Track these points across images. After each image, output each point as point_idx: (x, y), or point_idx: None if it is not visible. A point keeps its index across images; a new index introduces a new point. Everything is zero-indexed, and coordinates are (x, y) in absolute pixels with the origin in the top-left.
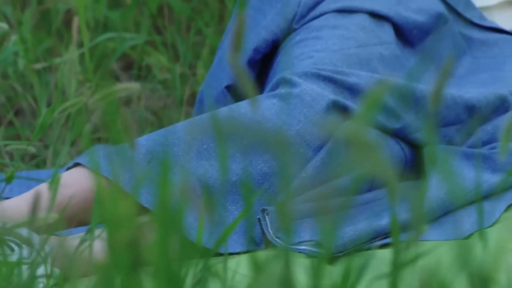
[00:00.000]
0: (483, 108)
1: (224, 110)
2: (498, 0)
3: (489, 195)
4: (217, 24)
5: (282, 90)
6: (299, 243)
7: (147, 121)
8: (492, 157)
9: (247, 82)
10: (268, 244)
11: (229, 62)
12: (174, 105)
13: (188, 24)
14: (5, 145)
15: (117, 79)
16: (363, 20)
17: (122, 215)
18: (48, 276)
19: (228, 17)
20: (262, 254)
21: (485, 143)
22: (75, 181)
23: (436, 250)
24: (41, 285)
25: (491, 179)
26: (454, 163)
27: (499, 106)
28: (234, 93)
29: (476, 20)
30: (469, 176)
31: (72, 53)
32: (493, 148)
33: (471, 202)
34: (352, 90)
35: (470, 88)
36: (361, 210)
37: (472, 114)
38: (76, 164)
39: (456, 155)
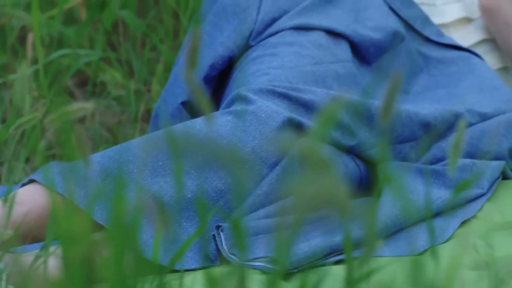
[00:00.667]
0: (439, 125)
1: (179, 127)
2: (455, 17)
3: (443, 211)
4: (171, 40)
5: (237, 107)
6: (254, 259)
7: (101, 137)
8: (446, 174)
9: (202, 98)
10: (223, 260)
11: (184, 78)
12: (129, 121)
13: (143, 40)
14: None
15: (72, 95)
16: (320, 37)
17: (77, 232)
18: None
19: (183, 33)
20: (217, 271)
21: (439, 160)
22: (30, 198)
23: (390, 266)
24: None
25: (445, 195)
26: (408, 179)
27: (454, 123)
28: (189, 109)
29: (434, 37)
30: (423, 192)
31: (24, 69)
32: (447, 164)
33: (425, 219)
34: (307, 107)
35: (426, 104)
36: (315, 227)
37: (428, 131)
38: (31, 181)
39: (411, 171)
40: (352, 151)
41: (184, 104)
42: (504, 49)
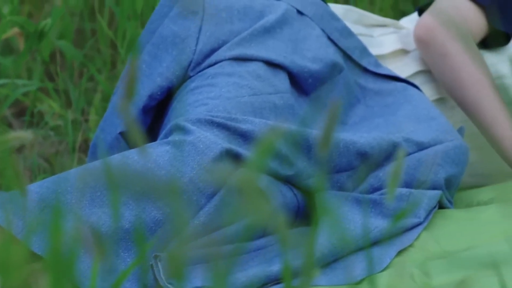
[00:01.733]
0: (376, 154)
1: (117, 157)
2: (392, 49)
3: (380, 240)
4: (109, 71)
5: (175, 137)
6: None
7: (39, 167)
8: (383, 203)
9: (136, 129)
10: None
11: (119, 109)
12: (66, 151)
13: (81, 70)
14: None
15: (10, 125)
16: (258, 68)
17: (14, 262)
18: None
19: (121, 63)
20: None
21: (376, 189)
22: None
23: None
24: None
25: (382, 224)
26: (345, 209)
27: (392, 153)
28: (128, 140)
29: (372, 68)
30: (360, 221)
31: None
32: (384, 194)
33: (362, 248)
34: (245, 137)
35: (364, 132)
36: (253, 256)
37: (365, 160)
38: None
39: (348, 201)
40: (289, 181)
41: (122, 134)
42: (439, 80)
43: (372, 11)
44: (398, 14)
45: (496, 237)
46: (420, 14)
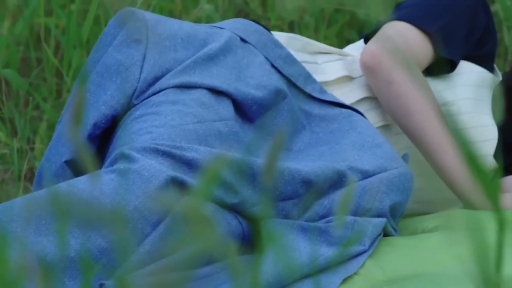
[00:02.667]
0: (321, 182)
1: (62, 186)
2: (336, 76)
3: (325, 268)
4: (55, 99)
5: (120, 165)
6: None
7: None
8: (328, 231)
9: (86, 156)
10: None
11: (68, 136)
12: (12, 180)
13: (26, 99)
14: None
15: None
16: (203, 96)
17: None
18: None
19: (66, 92)
20: None
21: (322, 217)
22: None
23: None
24: None
25: (327, 252)
26: (290, 237)
27: (337, 181)
28: (73, 168)
29: (316, 94)
30: (305, 249)
31: None
32: (330, 221)
33: (307, 276)
34: (191, 165)
35: (309, 161)
36: (199, 284)
37: (310, 188)
38: None
39: (293, 229)
40: (235, 209)
41: (67, 162)
42: (385, 106)
43: (316, 39)
44: (343, 42)
45: (441, 264)
46: (366, 41)
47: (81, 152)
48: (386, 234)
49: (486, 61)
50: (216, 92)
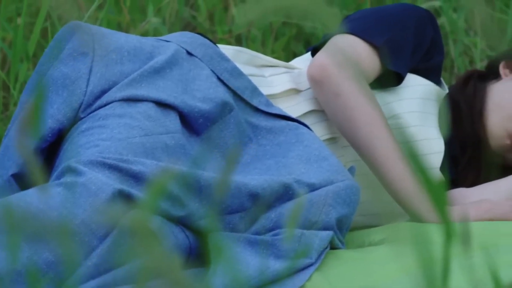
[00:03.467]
0: (267, 196)
1: (9, 199)
2: (283, 88)
3: (273, 281)
4: (1, 112)
5: (67, 179)
6: None
7: None
8: (275, 244)
9: (35, 170)
10: None
11: (17, 149)
12: None
13: None
14: None
15: None
16: (149, 109)
17: None
18: None
19: (13, 105)
20: None
21: (268, 230)
22: None
23: None
24: None
25: (274, 265)
26: (237, 250)
27: (283, 194)
28: (20, 182)
29: (263, 107)
30: (253, 262)
31: None
32: (277, 234)
33: None
34: (137, 178)
35: (255, 175)
36: None
37: (257, 201)
38: None
39: (240, 242)
40: (181, 222)
41: (14, 176)
42: (332, 119)
43: (264, 52)
44: (290, 55)
45: (388, 277)
46: (313, 54)
47: (30, 165)
48: (333, 247)
49: (432, 74)
50: (162, 105)
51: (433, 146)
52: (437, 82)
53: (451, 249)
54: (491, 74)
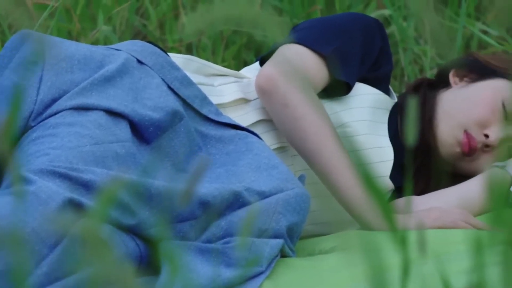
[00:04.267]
0: (218, 204)
1: None
2: (233, 98)
3: None
4: None
5: (17, 188)
6: None
7: None
8: (226, 252)
9: None
10: None
11: None
12: None
13: None
14: None
15: None
16: (100, 117)
17: None
18: None
19: None
20: None
21: (219, 238)
22: None
23: None
24: None
25: (226, 273)
26: (188, 258)
27: (233, 202)
28: None
29: (213, 116)
30: (203, 271)
31: None
32: (227, 243)
33: None
34: (88, 187)
35: (205, 183)
36: None
37: (207, 209)
38: None
39: (191, 250)
40: (132, 231)
41: None
42: (280, 129)
43: (214, 61)
44: (241, 63)
45: (338, 285)
46: (261, 63)
47: None
48: (283, 255)
49: (381, 83)
50: (113, 113)
51: (382, 155)
52: (386, 91)
53: (405, 257)
54: (441, 82)
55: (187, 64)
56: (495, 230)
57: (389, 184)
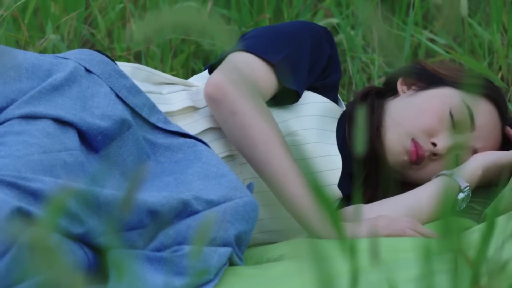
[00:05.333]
0: (166, 212)
1: None
2: (181, 106)
3: None
4: None
5: None
6: None
7: None
8: (174, 261)
9: None
10: None
11: None
12: None
13: None
14: None
15: None
16: (48, 126)
17: None
18: None
19: None
20: None
21: (167, 247)
22: None
23: None
24: None
25: (174, 282)
26: (136, 267)
27: (182, 211)
28: None
29: (161, 125)
30: (152, 279)
31: None
32: (176, 251)
33: None
34: (36, 196)
35: (154, 191)
36: None
37: (155, 218)
38: None
39: (139, 259)
40: (80, 239)
41: None
42: (229, 137)
43: (163, 69)
44: (189, 72)
45: None
46: (210, 72)
47: None
48: (231, 263)
49: (330, 91)
50: (61, 122)
51: (331, 163)
52: (334, 99)
53: (354, 265)
54: (389, 90)
55: (135, 72)
56: (443, 238)
57: (337, 193)
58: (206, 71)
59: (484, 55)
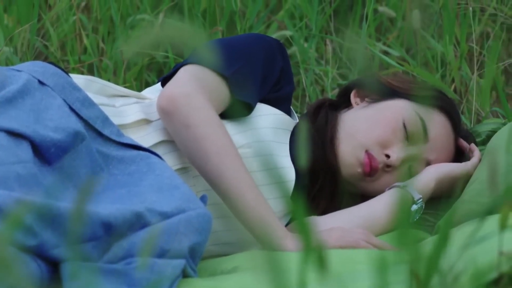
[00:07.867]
0: (120, 224)
1: None
2: (134, 119)
3: None
4: None
5: None
6: None
7: None
8: (128, 273)
9: None
10: None
11: None
12: None
13: None
14: None
15: None
16: (1, 138)
17: None
18: None
19: None
20: None
21: (121, 259)
22: None
23: None
24: None
25: None
26: (91, 279)
27: (135, 223)
28: None
29: (114, 137)
30: None
31: None
32: (129, 263)
33: None
34: None
35: (107, 204)
36: None
37: (109, 230)
38: None
39: (93, 271)
40: (34, 252)
41: None
42: (182, 150)
43: (116, 82)
44: (142, 84)
45: None
46: (163, 84)
47: None
48: (185, 275)
49: (283, 104)
50: (14, 134)
51: (284, 175)
52: (288, 112)
53: (303, 277)
54: (342, 102)
55: (88, 85)
56: (397, 250)
57: (290, 205)
58: (159, 83)
59: (437, 67)
